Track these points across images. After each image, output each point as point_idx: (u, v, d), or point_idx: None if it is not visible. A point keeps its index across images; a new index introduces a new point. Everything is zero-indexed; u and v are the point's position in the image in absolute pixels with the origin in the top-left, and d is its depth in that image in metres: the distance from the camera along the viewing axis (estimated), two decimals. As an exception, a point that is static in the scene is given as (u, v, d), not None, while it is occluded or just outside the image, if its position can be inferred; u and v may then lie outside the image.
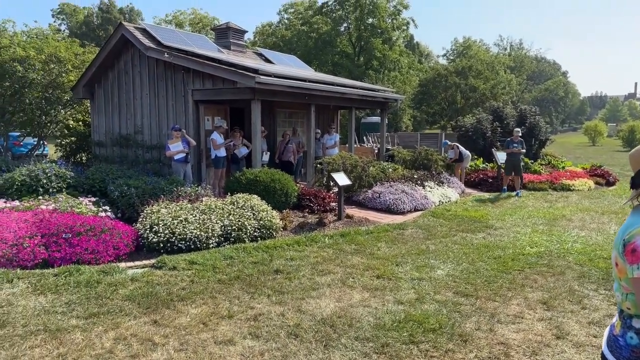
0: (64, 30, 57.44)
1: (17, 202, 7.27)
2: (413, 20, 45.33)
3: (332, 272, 5.50)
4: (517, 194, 11.44)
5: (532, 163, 15.72)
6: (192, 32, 36.68)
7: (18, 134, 14.66)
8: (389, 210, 9.13)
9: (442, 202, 10.28)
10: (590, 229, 8.10)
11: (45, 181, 7.94)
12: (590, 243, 7.07)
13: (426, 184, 10.73)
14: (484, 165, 15.26)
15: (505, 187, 11.88)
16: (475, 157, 15.78)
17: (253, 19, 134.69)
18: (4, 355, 3.47)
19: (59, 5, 64.95)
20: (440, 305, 4.59)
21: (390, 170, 11.77)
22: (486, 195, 11.77)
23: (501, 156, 13.23)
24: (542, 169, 15.21)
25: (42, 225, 5.92)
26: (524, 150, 11.71)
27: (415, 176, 11.10)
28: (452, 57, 71.02)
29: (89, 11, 64.43)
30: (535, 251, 6.59)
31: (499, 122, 18.56)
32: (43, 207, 6.93)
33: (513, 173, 11.65)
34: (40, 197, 7.55)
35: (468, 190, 12.27)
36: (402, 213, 9.07)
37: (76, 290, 4.72)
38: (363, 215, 8.63)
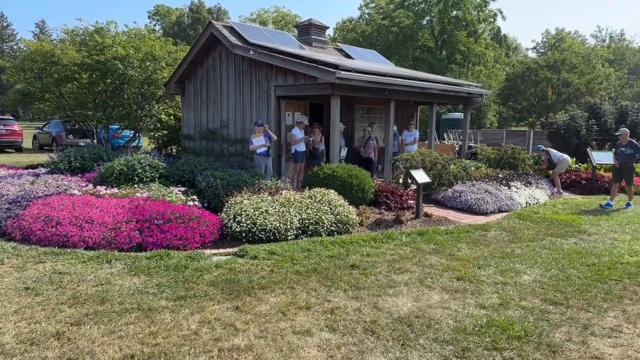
0: (158, 31, 61.68)
1: (115, 189, 7.93)
2: (500, 12, 43.25)
3: (409, 271, 5.39)
4: (627, 206, 9.74)
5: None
6: (275, 29, 37.76)
7: (117, 126, 15.95)
8: (470, 210, 8.77)
9: (530, 204, 9.68)
10: None
11: (140, 171, 8.57)
12: None
13: (512, 183, 10.15)
14: (576, 165, 14.14)
15: (612, 202, 9.70)
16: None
17: (333, 15, 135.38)
18: (103, 329, 3.79)
19: (154, 6, 69.99)
20: (526, 312, 4.32)
21: (472, 168, 11.30)
22: (579, 197, 10.90)
23: (598, 156, 12.17)
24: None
25: (137, 211, 6.41)
26: (638, 156, 9.74)
27: (500, 175, 10.54)
28: (542, 50, 66.84)
29: (180, 12, 68.74)
30: (635, 260, 5.98)
31: (595, 120, 17.12)
32: (138, 194, 7.50)
33: (623, 181, 10.01)
34: (136, 186, 8.17)
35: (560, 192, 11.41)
36: (485, 214, 8.68)
37: (166, 274, 5.05)
38: (442, 215, 8.37)
